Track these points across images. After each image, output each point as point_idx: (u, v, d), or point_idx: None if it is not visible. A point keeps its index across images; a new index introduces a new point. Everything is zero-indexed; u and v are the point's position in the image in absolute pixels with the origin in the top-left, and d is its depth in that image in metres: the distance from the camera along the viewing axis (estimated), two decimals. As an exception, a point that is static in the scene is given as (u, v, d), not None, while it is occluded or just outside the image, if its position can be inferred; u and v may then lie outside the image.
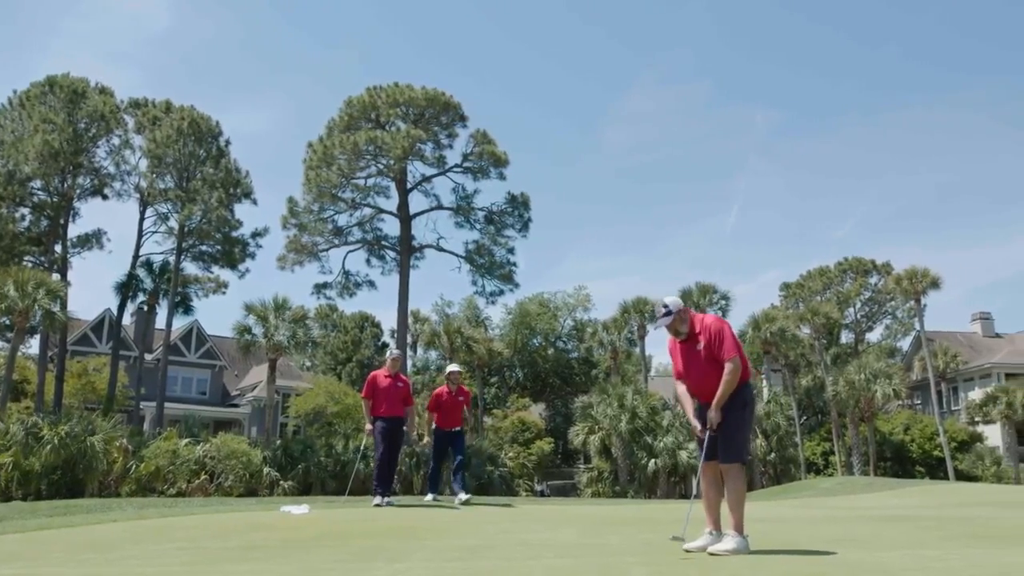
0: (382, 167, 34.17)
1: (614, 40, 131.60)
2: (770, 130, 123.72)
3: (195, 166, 33.09)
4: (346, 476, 26.47)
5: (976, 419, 42.57)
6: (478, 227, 35.88)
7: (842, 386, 37.97)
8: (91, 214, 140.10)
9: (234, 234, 34.52)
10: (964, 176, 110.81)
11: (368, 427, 10.73)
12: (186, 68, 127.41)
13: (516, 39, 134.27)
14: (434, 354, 48.31)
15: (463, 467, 11.44)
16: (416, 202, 35.44)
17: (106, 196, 33.90)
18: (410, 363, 41.19)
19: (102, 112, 32.00)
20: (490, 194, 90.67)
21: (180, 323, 41.75)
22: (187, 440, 25.35)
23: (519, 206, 35.44)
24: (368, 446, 11.42)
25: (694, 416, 5.60)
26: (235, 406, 47.21)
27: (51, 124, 30.59)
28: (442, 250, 35.38)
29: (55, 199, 32.33)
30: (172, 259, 34.00)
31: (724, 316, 35.60)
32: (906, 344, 53.84)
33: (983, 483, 32.96)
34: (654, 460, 33.19)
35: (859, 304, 53.75)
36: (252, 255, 35.27)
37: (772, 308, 47.21)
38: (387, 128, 33.79)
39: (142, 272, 35.18)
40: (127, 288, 34.63)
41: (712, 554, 5.08)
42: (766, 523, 8.31)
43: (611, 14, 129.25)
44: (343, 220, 35.24)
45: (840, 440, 40.53)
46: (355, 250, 35.87)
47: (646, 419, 34.05)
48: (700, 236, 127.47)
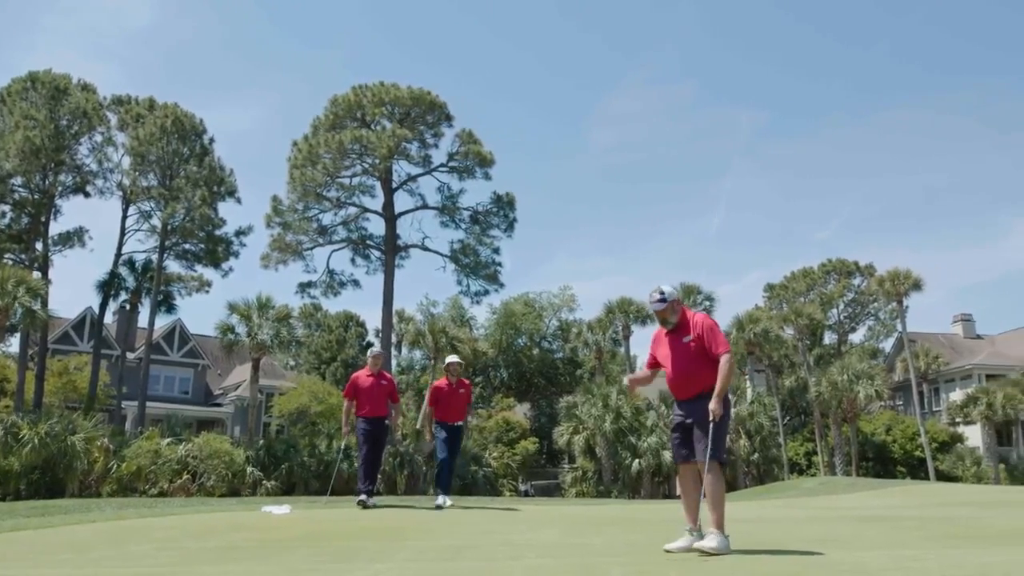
0: (367, 166, 34.10)
1: (600, 40, 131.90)
2: (755, 131, 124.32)
3: (179, 164, 32.89)
4: (329, 476, 26.44)
5: (957, 420, 42.90)
6: (463, 227, 35.92)
7: (825, 387, 38.18)
8: (73, 212, 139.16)
9: (218, 232, 34.36)
10: (948, 178, 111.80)
11: (345, 429, 10.48)
12: (168, 65, 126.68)
13: (502, 39, 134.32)
14: (419, 354, 48.20)
15: (443, 467, 10.90)
16: (401, 201, 35.45)
17: (88, 194, 33.67)
18: (394, 363, 41.11)
19: (84, 109, 31.74)
20: (475, 194, 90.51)
21: (163, 322, 41.50)
22: (169, 440, 25.23)
23: (504, 206, 35.47)
24: (351, 445, 11.05)
25: (676, 417, 5.64)
26: (218, 405, 46.94)
27: (33, 121, 30.32)
28: (427, 250, 35.42)
29: (36, 196, 32.05)
30: (155, 257, 33.82)
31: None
32: (888, 345, 54.26)
33: (963, 483, 33.24)
34: (638, 460, 33.26)
35: (842, 305, 54.06)
36: (236, 254, 35.15)
37: (756, 309, 47.40)
38: (372, 127, 33.72)
39: (124, 270, 34.96)
40: (109, 286, 34.37)
41: (696, 550, 5.08)
42: (748, 523, 8.34)
43: (596, 14, 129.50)
44: (328, 219, 35.22)
45: (823, 440, 40.76)
46: (340, 249, 35.85)
47: (630, 419, 34.14)
48: (685, 236, 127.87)
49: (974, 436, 42.47)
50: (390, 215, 34.55)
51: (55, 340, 41.37)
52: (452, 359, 10.83)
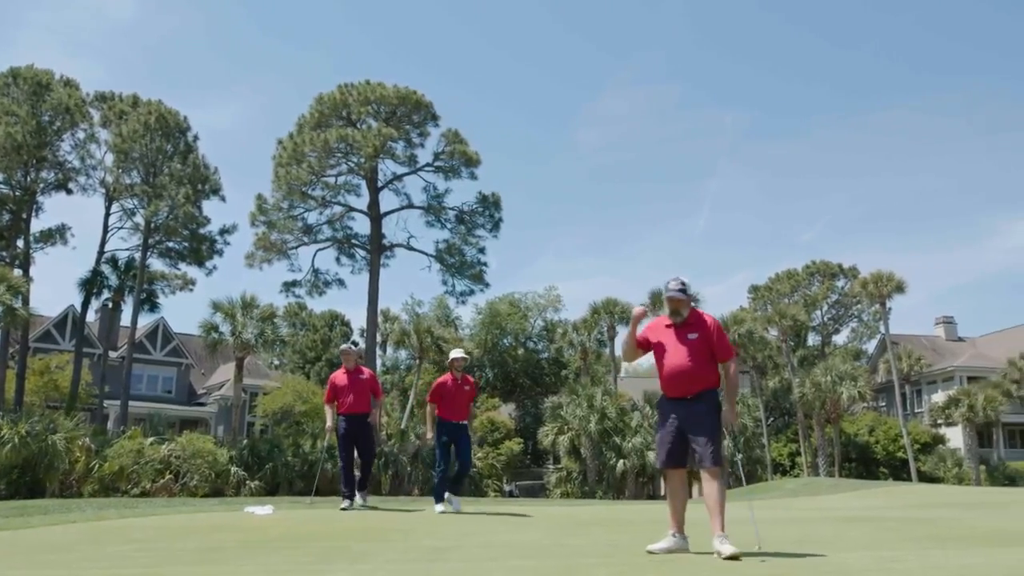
0: (353, 165, 33.99)
1: (587, 41, 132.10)
2: (740, 132, 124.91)
3: (162, 161, 32.67)
4: (314, 476, 26.32)
5: (938, 421, 43.23)
6: (449, 226, 35.87)
7: (809, 388, 38.41)
8: (55, 208, 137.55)
9: (202, 231, 34.19)
10: (933, 180, 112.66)
11: (328, 424, 10.18)
12: (150, 61, 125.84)
13: (488, 39, 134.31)
14: (403, 353, 48.11)
15: (465, 475, 10.02)
16: (387, 201, 35.35)
17: (70, 191, 33.40)
18: (379, 362, 40.99)
19: (67, 105, 31.48)
20: (461, 193, 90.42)
21: (146, 320, 41.18)
22: (152, 439, 25.02)
23: (490, 206, 35.44)
24: (334, 444, 10.74)
25: (667, 417, 5.51)
26: (201, 405, 46.67)
27: (14, 116, 30.04)
28: (412, 249, 35.32)
29: (17, 193, 31.75)
30: (138, 255, 33.57)
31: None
32: (871, 347, 54.63)
33: (945, 485, 33.49)
34: (623, 461, 33.32)
35: (826, 307, 54.38)
36: (220, 252, 34.98)
37: (741, 310, 47.63)
38: (358, 126, 33.62)
39: (107, 268, 34.69)
40: (91, 284, 34.10)
41: (730, 557, 4.95)
42: (731, 525, 8.33)
43: (583, 15, 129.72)
44: (313, 218, 35.07)
45: (806, 441, 40.99)
46: (325, 248, 35.69)
47: (615, 420, 34.19)
48: (671, 237, 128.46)
49: (955, 437, 42.81)
50: (375, 214, 34.45)
51: (36, 338, 41.00)
52: (457, 353, 10.12)
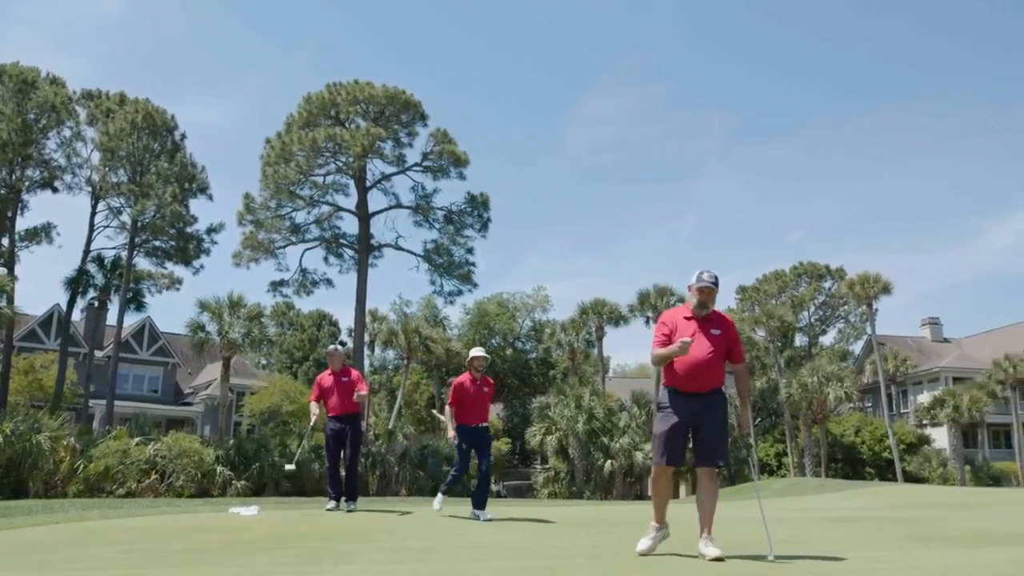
0: (341, 164, 33.87)
1: (576, 41, 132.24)
2: (728, 133, 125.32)
3: (149, 160, 32.44)
4: (301, 476, 26.22)
5: (924, 422, 43.52)
6: (437, 226, 35.78)
7: (795, 388, 38.57)
8: (40, 207, 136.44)
9: (189, 230, 33.95)
10: (920, 182, 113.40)
11: (312, 421, 10.12)
12: (137, 58, 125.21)
13: (478, 39, 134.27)
14: (391, 353, 48.06)
15: (488, 480, 9.35)
16: (375, 200, 35.24)
17: (56, 189, 33.11)
18: (367, 362, 40.89)
19: (53, 103, 31.20)
20: (450, 193, 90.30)
21: (132, 320, 40.94)
22: (138, 439, 24.86)
23: (479, 206, 35.39)
24: (320, 445, 10.64)
25: (679, 413, 5.30)
26: (188, 404, 46.47)
27: (-1, 114, 29.81)
28: (401, 249, 35.22)
29: (2, 191, 31.45)
30: (124, 254, 33.33)
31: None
32: (858, 347, 54.91)
33: (930, 485, 33.69)
34: (610, 461, 33.38)
35: (813, 308, 54.63)
36: (207, 251, 34.73)
37: (728, 311, 47.77)
38: (347, 125, 33.52)
39: (93, 267, 34.42)
40: (77, 283, 33.84)
41: (715, 559, 4.95)
42: (716, 525, 8.35)
43: (572, 14, 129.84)
44: (301, 217, 34.91)
45: (793, 442, 41.17)
46: (313, 248, 35.54)
47: (603, 420, 34.25)
48: (659, 238, 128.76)
49: (941, 438, 43.09)
50: (364, 214, 34.35)
51: (21, 337, 40.71)
52: (478, 352, 9.44)
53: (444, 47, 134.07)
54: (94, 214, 33.69)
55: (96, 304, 36.66)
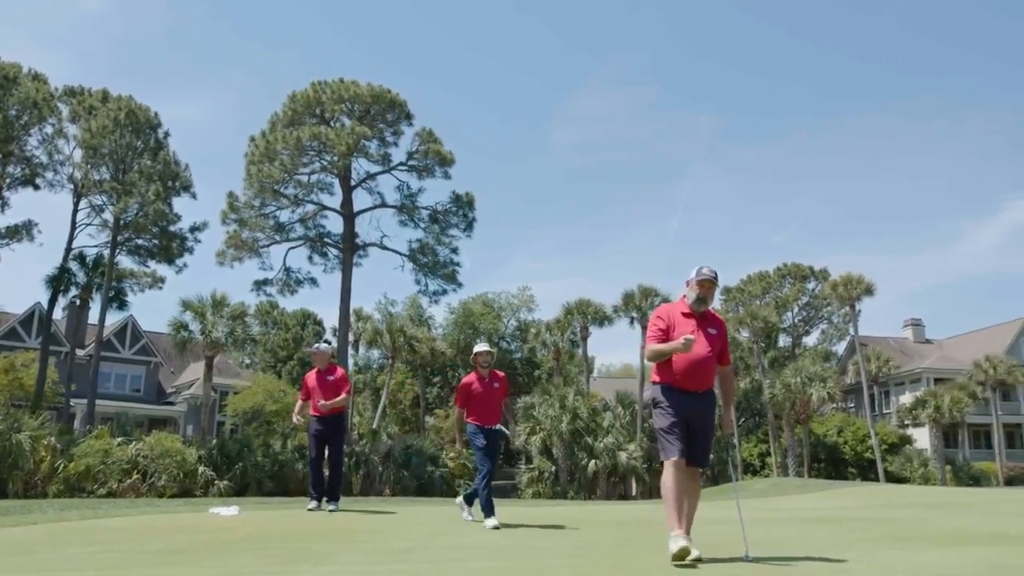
0: (326, 163, 33.77)
1: (562, 41, 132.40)
2: (714, 133, 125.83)
3: (132, 158, 32.23)
4: (284, 476, 26.16)
5: (906, 422, 43.87)
6: (422, 226, 35.76)
7: (779, 389, 38.79)
8: (21, 204, 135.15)
9: (172, 228, 33.76)
10: (904, 184, 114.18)
11: (297, 418, 10.12)
12: (119, 55, 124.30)
13: (464, 38, 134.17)
14: (376, 353, 47.99)
15: (489, 482, 8.29)
16: (360, 199, 35.18)
17: (38, 186, 32.81)
18: (351, 362, 40.78)
19: (35, 99, 30.90)
20: (435, 193, 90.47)
21: (114, 318, 40.69)
22: (120, 439, 24.75)
23: (464, 206, 35.38)
24: (305, 444, 10.62)
25: (673, 405, 5.20)
26: (170, 404, 46.18)
27: (-20, 111, 29.52)
28: (386, 248, 35.18)
29: (-18, 188, 31.21)
30: (107, 252, 33.08)
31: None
32: (841, 348, 55.34)
33: (911, 484, 33.95)
34: (594, 461, 33.46)
35: (797, 309, 54.92)
36: (190, 250, 34.55)
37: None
38: (332, 124, 33.43)
39: (75, 265, 34.13)
40: (58, 281, 33.54)
41: (696, 560, 4.80)
42: (697, 525, 8.39)
43: (559, 14, 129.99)
44: (285, 216, 34.80)
45: (776, 442, 41.38)
46: (297, 247, 35.44)
47: (587, 420, 34.32)
48: (645, 238, 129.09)
49: (922, 438, 43.47)
50: (348, 213, 34.27)
51: (1, 336, 40.39)
52: (481, 347, 8.76)
53: (430, 46, 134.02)
54: (76, 212, 33.42)
55: (78, 302, 36.34)
